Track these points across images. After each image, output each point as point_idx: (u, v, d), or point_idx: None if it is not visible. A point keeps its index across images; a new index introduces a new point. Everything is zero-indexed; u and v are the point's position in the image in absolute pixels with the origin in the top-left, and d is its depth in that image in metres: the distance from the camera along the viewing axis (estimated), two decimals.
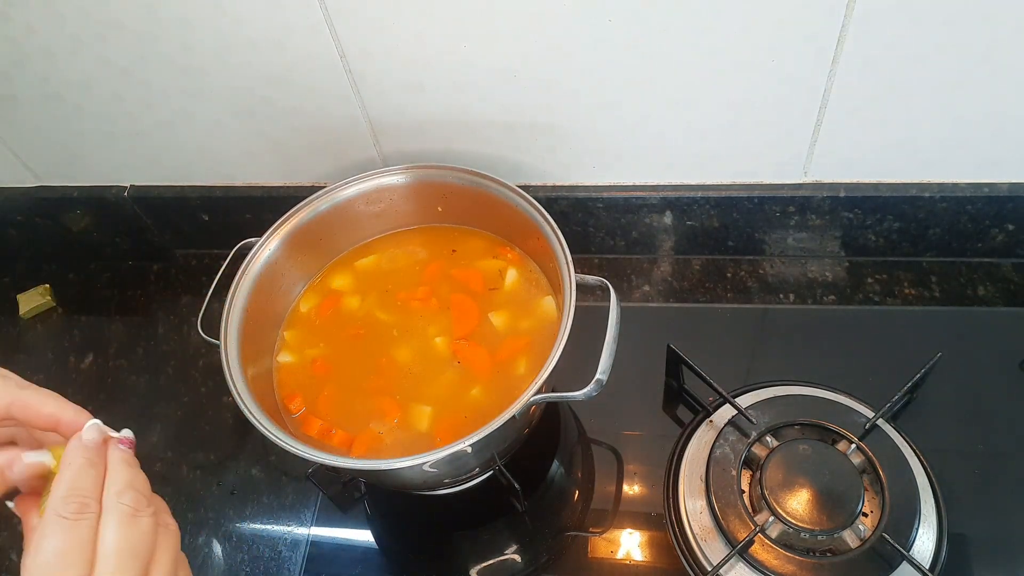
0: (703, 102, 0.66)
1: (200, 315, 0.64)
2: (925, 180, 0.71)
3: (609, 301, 0.57)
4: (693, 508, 0.61)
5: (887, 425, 0.62)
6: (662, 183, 0.75)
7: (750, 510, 0.59)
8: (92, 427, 0.42)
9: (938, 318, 0.74)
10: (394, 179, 0.70)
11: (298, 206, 0.68)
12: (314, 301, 0.71)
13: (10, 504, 0.44)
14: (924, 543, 0.57)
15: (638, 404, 0.71)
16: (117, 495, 0.39)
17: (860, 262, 0.79)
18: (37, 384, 0.87)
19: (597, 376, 0.53)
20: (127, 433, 0.44)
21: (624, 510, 0.65)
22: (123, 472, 0.41)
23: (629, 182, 0.76)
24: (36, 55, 0.69)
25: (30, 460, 0.42)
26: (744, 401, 0.65)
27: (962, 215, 0.72)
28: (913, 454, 0.61)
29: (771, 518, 0.57)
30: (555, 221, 0.62)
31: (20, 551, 0.70)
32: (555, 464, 0.70)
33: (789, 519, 0.57)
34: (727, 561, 0.57)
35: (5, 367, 0.89)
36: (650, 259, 0.83)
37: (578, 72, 0.65)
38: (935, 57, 0.60)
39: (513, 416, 0.52)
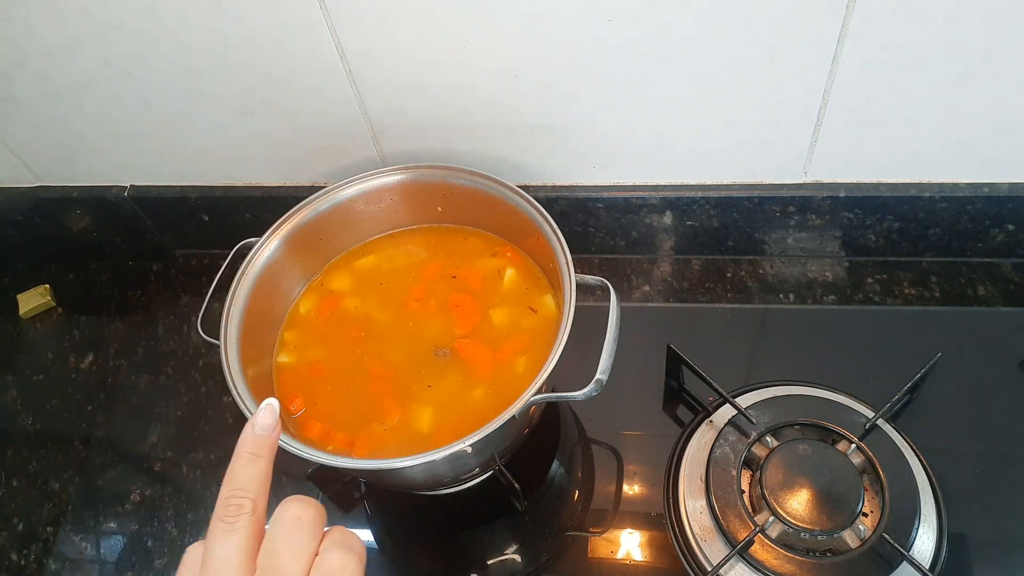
0: (703, 102, 0.66)
1: (200, 315, 0.64)
2: (925, 180, 0.71)
3: (609, 301, 0.57)
4: (693, 508, 0.61)
5: (887, 425, 0.62)
6: (662, 183, 0.75)
7: (750, 510, 0.59)
8: (265, 408, 0.37)
9: (938, 318, 0.74)
10: (394, 179, 0.70)
11: (298, 206, 0.68)
12: (314, 301, 0.71)
13: None
14: (924, 543, 0.57)
15: (638, 404, 0.71)
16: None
17: (860, 262, 0.79)
18: (38, 384, 0.87)
19: (597, 376, 0.53)
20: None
21: (624, 510, 0.65)
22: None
23: (629, 182, 0.76)
24: (36, 55, 0.69)
25: None
26: (744, 401, 0.65)
27: (962, 215, 0.72)
28: (913, 454, 0.61)
29: (771, 518, 0.57)
30: (555, 221, 0.62)
31: (19, 551, 0.71)
32: (555, 464, 0.70)
33: (789, 519, 0.57)
34: (727, 561, 0.57)
35: (5, 367, 0.90)
36: (650, 259, 0.83)
37: (578, 72, 0.65)
38: (935, 57, 0.60)
39: (513, 416, 0.52)
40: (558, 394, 0.54)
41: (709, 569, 0.57)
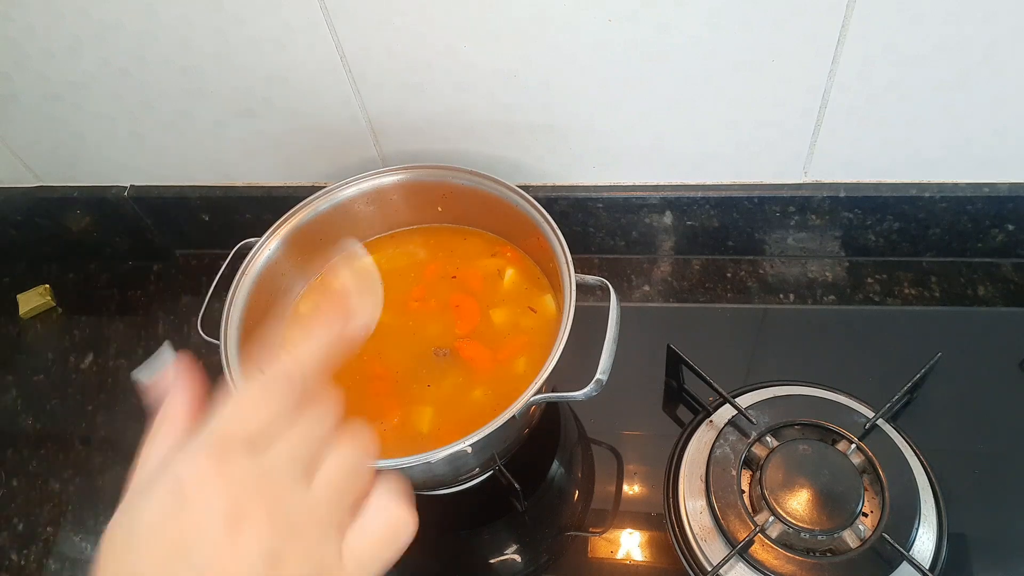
0: (703, 102, 0.66)
1: (200, 315, 0.64)
2: (925, 180, 0.71)
3: (609, 301, 0.57)
4: (693, 508, 0.61)
5: (887, 425, 0.62)
6: (662, 183, 0.75)
7: (750, 510, 0.59)
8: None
9: (938, 318, 0.74)
10: (394, 179, 0.70)
11: (298, 206, 0.68)
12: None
13: None
14: (924, 543, 0.57)
15: (638, 404, 0.71)
16: None
17: (860, 262, 0.79)
18: (38, 384, 0.87)
19: (597, 376, 0.53)
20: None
21: (624, 510, 0.65)
22: None
23: (629, 182, 0.76)
24: (36, 55, 0.69)
25: None
26: (744, 401, 0.65)
27: (962, 215, 0.72)
28: (913, 454, 0.61)
29: (771, 518, 0.57)
30: (555, 221, 0.62)
31: (19, 551, 0.71)
32: (555, 464, 0.70)
33: (789, 519, 0.57)
34: (727, 561, 0.57)
35: (5, 367, 0.90)
36: (650, 259, 0.83)
37: (578, 72, 0.65)
38: (935, 57, 0.60)
39: (513, 416, 0.52)
40: (558, 394, 0.54)
41: (709, 569, 0.57)
